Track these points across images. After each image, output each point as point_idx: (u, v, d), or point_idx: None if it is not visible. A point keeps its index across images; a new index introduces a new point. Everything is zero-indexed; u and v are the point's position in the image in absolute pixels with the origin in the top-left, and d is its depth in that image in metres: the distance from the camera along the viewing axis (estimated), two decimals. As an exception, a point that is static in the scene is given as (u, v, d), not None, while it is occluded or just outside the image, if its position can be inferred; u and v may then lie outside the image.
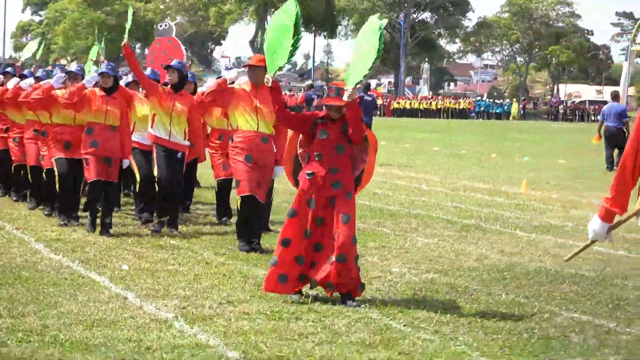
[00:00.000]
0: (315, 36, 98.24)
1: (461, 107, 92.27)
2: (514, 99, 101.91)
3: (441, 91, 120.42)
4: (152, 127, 13.31)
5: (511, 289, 10.09)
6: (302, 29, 9.93)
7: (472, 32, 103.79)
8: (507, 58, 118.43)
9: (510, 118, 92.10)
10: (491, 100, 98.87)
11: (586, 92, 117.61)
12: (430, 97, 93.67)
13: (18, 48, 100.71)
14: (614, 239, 7.32)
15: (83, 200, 14.71)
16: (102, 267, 10.66)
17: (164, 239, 12.70)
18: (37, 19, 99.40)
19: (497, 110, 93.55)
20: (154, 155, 13.39)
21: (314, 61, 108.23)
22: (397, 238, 13.17)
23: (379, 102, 71.19)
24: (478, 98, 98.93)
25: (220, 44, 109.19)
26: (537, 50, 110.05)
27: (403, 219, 14.43)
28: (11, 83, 15.60)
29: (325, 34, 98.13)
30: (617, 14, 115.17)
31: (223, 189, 14.78)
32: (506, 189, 21.40)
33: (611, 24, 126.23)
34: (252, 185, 11.70)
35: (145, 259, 11.14)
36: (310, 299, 9.17)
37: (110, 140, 12.96)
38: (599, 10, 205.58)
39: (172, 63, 13.35)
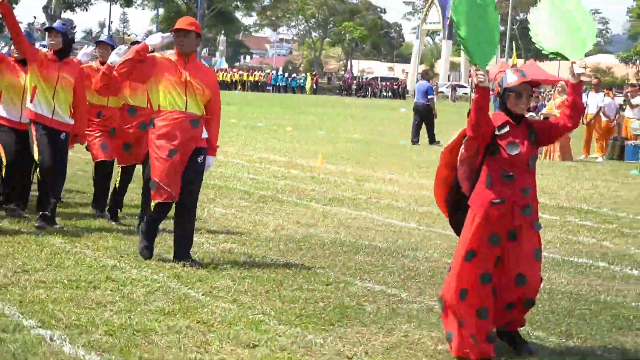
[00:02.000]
0: (111, 4, 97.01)
1: (257, 79, 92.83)
2: (308, 73, 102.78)
3: (237, 64, 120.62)
4: (31, 101, 11.00)
5: (307, 259, 10.22)
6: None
7: (268, 6, 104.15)
8: (302, 33, 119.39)
9: (307, 93, 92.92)
10: (287, 75, 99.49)
11: (378, 68, 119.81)
12: (226, 69, 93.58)
13: None
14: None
15: None
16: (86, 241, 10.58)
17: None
18: None
19: (292, 85, 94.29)
20: (33, 135, 11.03)
21: (109, 29, 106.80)
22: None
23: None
24: (273, 72, 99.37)
25: (13, 9, 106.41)
26: (331, 25, 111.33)
27: (200, 189, 14.55)
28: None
29: (121, 2, 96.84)
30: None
31: (104, 174, 12.33)
32: (302, 161, 21.58)
33: (403, 2, 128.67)
34: (173, 190, 9.44)
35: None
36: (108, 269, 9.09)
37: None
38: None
39: (55, 25, 11.24)
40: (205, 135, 9.55)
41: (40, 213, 11.16)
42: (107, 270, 9.00)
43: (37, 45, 12.08)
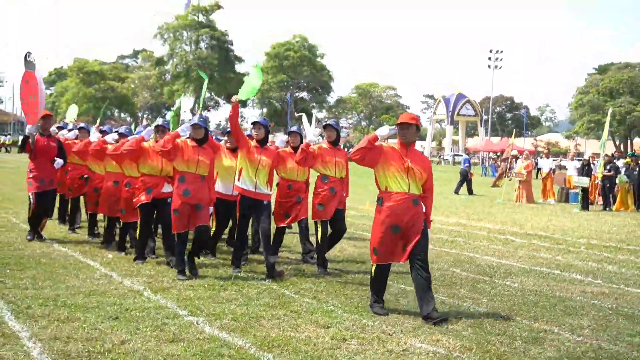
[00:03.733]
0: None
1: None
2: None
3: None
4: (238, 179, 9.52)
5: (362, 269, 10.13)
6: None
7: (333, 105, 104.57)
8: (355, 122, 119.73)
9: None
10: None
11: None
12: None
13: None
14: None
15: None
16: (95, 255, 10.40)
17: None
18: (49, 92, 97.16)
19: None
20: (240, 205, 9.49)
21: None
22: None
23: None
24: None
25: (170, 110, 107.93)
26: (374, 117, 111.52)
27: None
28: (93, 136, 11.96)
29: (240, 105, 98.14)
30: (424, 95, 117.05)
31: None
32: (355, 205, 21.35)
33: (420, 101, 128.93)
34: (390, 255, 7.60)
35: (126, 252, 10.92)
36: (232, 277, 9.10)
37: (201, 189, 9.20)
38: (413, 92, 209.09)
39: (259, 119, 9.76)
40: (423, 209, 7.65)
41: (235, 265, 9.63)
42: (232, 278, 9.02)
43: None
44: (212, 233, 10.40)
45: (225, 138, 10.81)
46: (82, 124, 13.51)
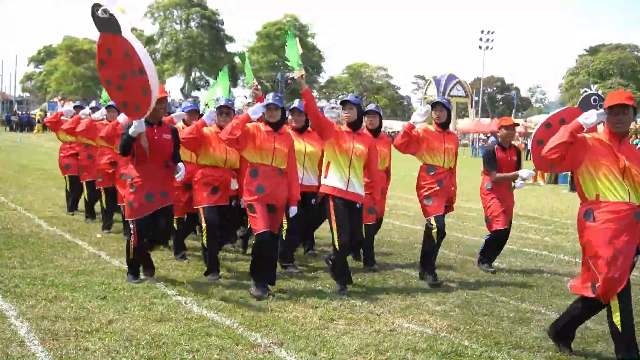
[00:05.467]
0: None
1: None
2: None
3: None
4: (325, 176, 7.58)
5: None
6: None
7: (324, 85, 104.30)
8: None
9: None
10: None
11: (395, 125, 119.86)
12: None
13: (25, 90, 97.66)
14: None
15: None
16: (83, 235, 10.38)
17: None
18: (37, 70, 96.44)
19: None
20: (332, 208, 7.44)
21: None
22: None
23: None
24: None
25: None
26: (365, 98, 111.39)
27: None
28: (122, 117, 9.43)
29: (231, 84, 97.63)
30: (415, 76, 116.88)
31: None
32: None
33: (412, 82, 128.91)
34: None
35: (112, 231, 10.88)
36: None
37: (278, 186, 7.23)
38: (404, 73, 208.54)
39: (350, 98, 7.78)
40: None
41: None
42: (221, 260, 8.99)
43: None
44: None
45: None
46: (110, 103, 10.88)
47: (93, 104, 12.42)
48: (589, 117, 5.59)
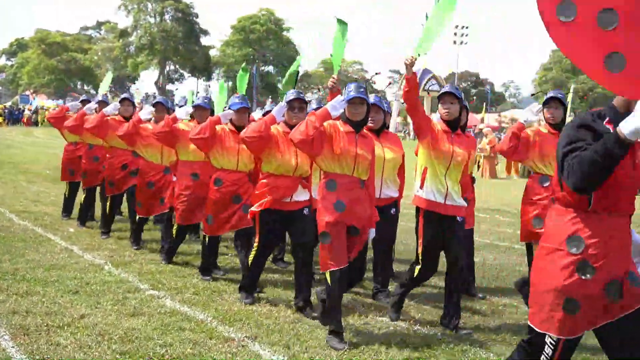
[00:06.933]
0: (197, 79, 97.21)
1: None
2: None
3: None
4: (422, 186, 6.10)
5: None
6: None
7: (299, 80, 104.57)
8: (320, 98, 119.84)
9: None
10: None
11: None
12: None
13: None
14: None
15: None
16: (55, 229, 10.27)
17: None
18: (9, 63, 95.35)
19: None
20: (422, 224, 6.13)
21: (197, 99, 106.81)
22: None
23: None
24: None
25: (134, 83, 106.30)
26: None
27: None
28: (146, 113, 8.77)
29: (204, 78, 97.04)
30: (390, 70, 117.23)
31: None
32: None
33: (387, 76, 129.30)
34: None
35: (86, 226, 10.78)
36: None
37: (360, 202, 5.75)
38: (379, 66, 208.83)
39: (449, 88, 6.17)
40: None
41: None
42: (194, 254, 8.96)
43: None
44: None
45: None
46: (125, 95, 10.06)
47: (100, 97, 10.93)
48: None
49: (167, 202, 8.56)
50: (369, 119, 6.13)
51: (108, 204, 9.79)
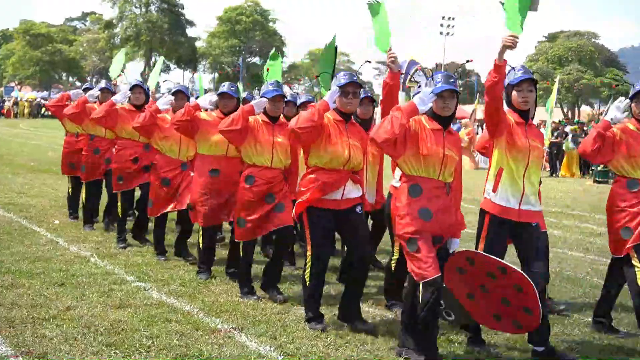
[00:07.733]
0: (184, 71, 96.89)
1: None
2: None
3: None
4: (494, 190, 5.41)
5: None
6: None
7: (285, 71, 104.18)
8: (308, 88, 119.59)
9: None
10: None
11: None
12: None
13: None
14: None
15: None
16: (41, 221, 10.22)
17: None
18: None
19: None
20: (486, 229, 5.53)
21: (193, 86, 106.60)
22: None
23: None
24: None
25: (119, 76, 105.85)
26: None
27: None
28: (164, 102, 7.91)
29: (190, 69, 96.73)
30: (376, 62, 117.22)
31: None
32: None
33: (373, 68, 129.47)
34: None
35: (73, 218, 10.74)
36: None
37: (447, 210, 5.11)
38: (364, 57, 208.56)
39: (527, 74, 5.32)
40: None
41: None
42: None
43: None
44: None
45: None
46: (136, 82, 9.10)
47: (103, 84, 10.01)
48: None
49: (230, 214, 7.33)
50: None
51: (119, 204, 8.82)
